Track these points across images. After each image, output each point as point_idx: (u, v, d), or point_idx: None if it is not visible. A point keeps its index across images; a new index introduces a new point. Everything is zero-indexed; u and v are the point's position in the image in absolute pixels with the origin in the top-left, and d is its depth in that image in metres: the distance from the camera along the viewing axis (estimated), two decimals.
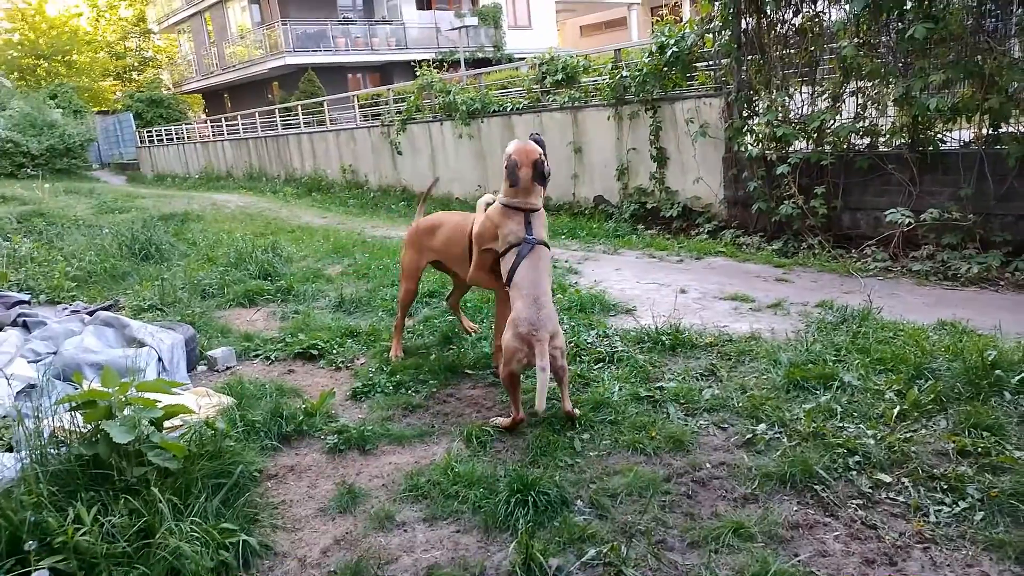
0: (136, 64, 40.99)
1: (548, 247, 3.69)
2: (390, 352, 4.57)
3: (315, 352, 4.74)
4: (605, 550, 2.46)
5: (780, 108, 6.88)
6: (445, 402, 3.88)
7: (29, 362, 4.16)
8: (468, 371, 4.23)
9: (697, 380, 3.84)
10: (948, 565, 2.32)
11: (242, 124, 21.72)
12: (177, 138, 26.92)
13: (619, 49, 9.45)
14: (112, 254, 7.79)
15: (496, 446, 3.32)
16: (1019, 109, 5.49)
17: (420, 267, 4.59)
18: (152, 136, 28.84)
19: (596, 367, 4.09)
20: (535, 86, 10.53)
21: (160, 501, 2.49)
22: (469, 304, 5.34)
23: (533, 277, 3.49)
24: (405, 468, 3.17)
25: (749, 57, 7.21)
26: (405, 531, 2.73)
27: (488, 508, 2.75)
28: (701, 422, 3.38)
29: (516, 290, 3.50)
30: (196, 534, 2.45)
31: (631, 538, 2.55)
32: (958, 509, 2.56)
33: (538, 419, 3.50)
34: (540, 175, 3.59)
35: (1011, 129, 5.62)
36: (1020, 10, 5.51)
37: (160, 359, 4.20)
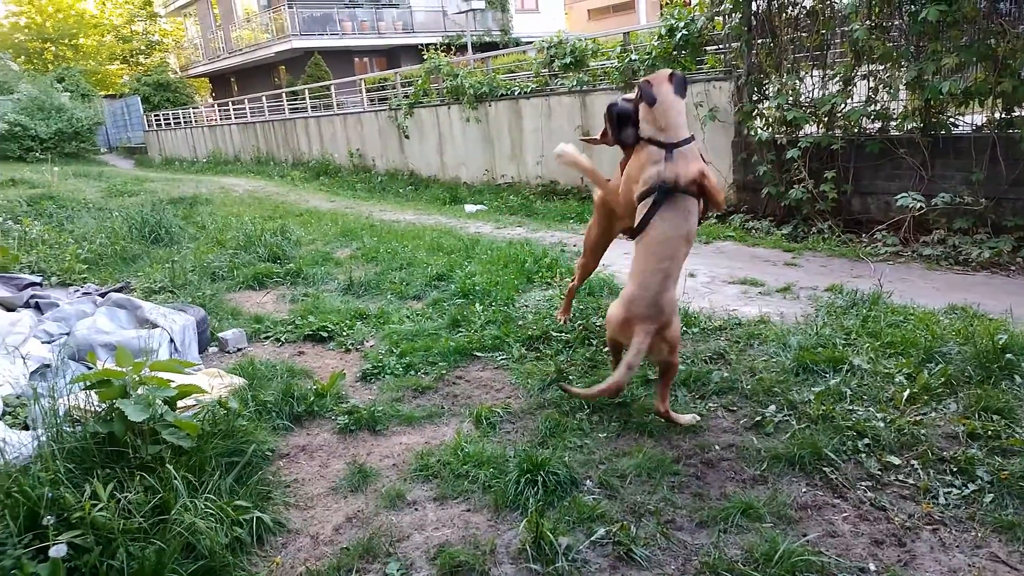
0: (143, 48, 40.92)
1: (697, 196, 3.10)
2: (557, 313, 4.60)
3: (325, 334, 4.77)
4: (615, 529, 2.48)
5: (791, 92, 6.82)
6: (454, 384, 3.90)
7: (43, 343, 4.20)
8: (477, 353, 4.25)
9: (706, 363, 3.84)
10: (957, 546, 2.33)
11: (249, 108, 21.70)
12: (184, 122, 26.93)
13: (628, 32, 9.39)
14: (122, 237, 7.82)
15: (505, 427, 3.34)
16: None
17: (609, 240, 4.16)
18: (160, 120, 28.86)
19: (605, 350, 4.10)
20: (543, 70, 10.47)
21: (175, 478, 2.51)
22: (476, 287, 5.35)
23: (666, 249, 3.01)
24: (415, 448, 3.20)
25: (759, 40, 7.14)
26: (416, 510, 2.76)
27: (498, 488, 2.78)
28: (710, 404, 3.39)
29: (641, 254, 3.06)
30: (210, 511, 2.48)
31: (640, 518, 2.57)
32: (967, 491, 2.57)
33: (545, 401, 3.52)
34: (679, 84, 3.07)
35: None
36: None
37: (172, 340, 4.24)
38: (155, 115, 29.57)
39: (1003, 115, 5.69)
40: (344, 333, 4.75)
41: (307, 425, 3.52)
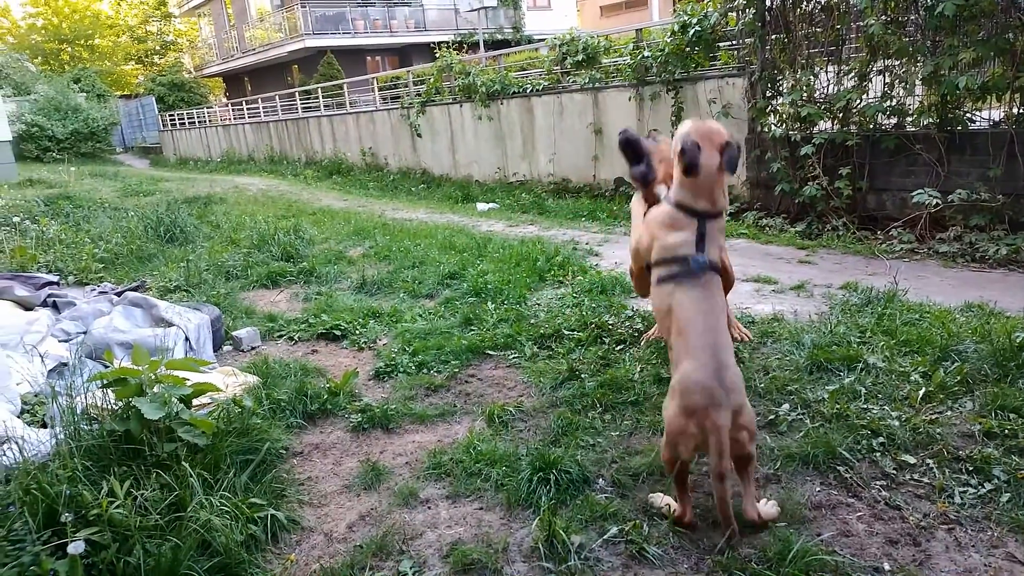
0: (157, 48, 41.24)
1: (721, 271, 2.72)
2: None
3: (338, 333, 4.79)
4: (627, 528, 2.48)
5: (805, 87, 6.77)
6: (467, 382, 3.90)
7: (60, 341, 4.25)
8: (489, 351, 4.25)
9: None
10: (973, 546, 2.31)
11: (263, 107, 21.82)
12: (199, 122, 27.13)
13: (640, 29, 9.36)
14: (138, 236, 7.90)
15: (518, 426, 3.34)
16: None
17: None
18: (174, 120, 29.09)
19: (617, 348, 4.09)
20: (555, 67, 10.46)
21: (190, 476, 2.54)
22: (488, 286, 5.35)
23: (707, 321, 2.54)
24: (428, 447, 3.21)
25: (773, 36, 7.09)
26: (429, 508, 2.77)
27: (510, 486, 2.78)
28: None
29: (681, 339, 2.56)
30: (226, 508, 2.51)
31: (652, 517, 2.57)
32: (983, 491, 2.54)
33: (557, 400, 3.52)
34: (731, 162, 2.63)
35: None
36: None
37: (187, 339, 4.28)
38: (169, 115, 29.82)
39: (1021, 110, 5.62)
40: (357, 332, 4.77)
41: (320, 423, 3.54)
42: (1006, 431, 2.83)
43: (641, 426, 3.20)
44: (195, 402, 3.04)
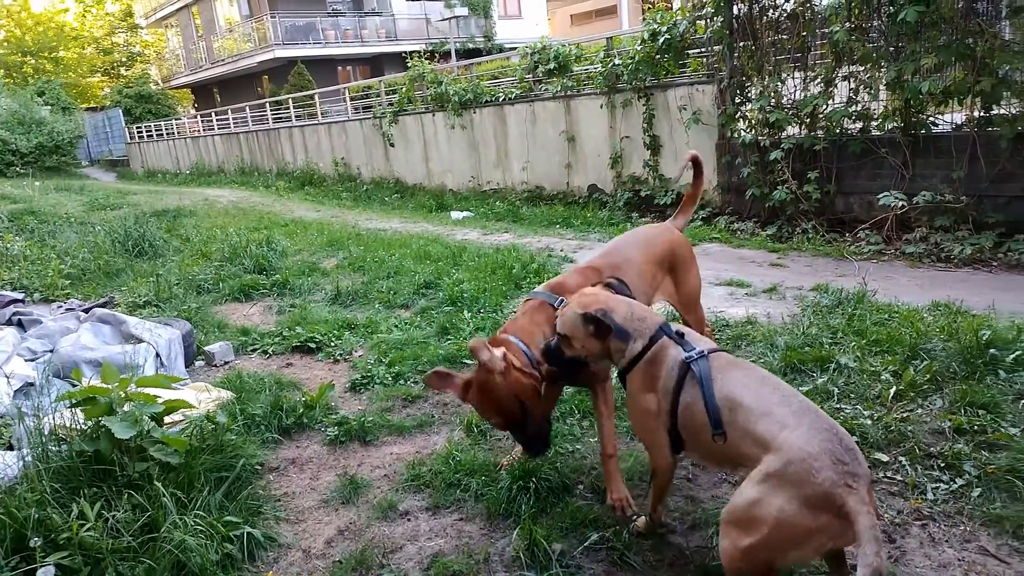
0: (124, 59, 40.61)
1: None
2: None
3: (313, 345, 4.74)
4: (607, 534, 2.48)
5: (772, 94, 6.89)
6: (444, 392, 3.88)
7: (26, 361, 4.15)
8: (467, 360, 4.23)
9: None
10: (946, 541, 2.35)
11: (232, 118, 21.60)
12: (167, 134, 26.76)
13: (611, 37, 9.45)
14: (105, 251, 7.75)
15: (496, 435, 3.32)
16: (1011, 91, 5.51)
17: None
18: (142, 132, 28.66)
19: None
20: (527, 76, 10.50)
21: (163, 495, 2.49)
22: (464, 295, 5.34)
23: (765, 390, 2.03)
24: (406, 458, 3.19)
25: (741, 43, 7.21)
26: (408, 520, 2.75)
27: (490, 496, 2.77)
28: None
29: (751, 425, 1.96)
30: (200, 527, 2.46)
31: (632, 522, 2.57)
32: (955, 486, 2.59)
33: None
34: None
35: (1003, 111, 5.64)
36: None
37: (158, 355, 4.20)
38: (137, 127, 29.36)
39: (982, 113, 5.77)
40: (332, 344, 4.73)
41: (297, 437, 3.50)
42: (975, 427, 2.89)
43: (619, 432, 3.21)
44: (167, 419, 2.99)
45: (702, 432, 2.08)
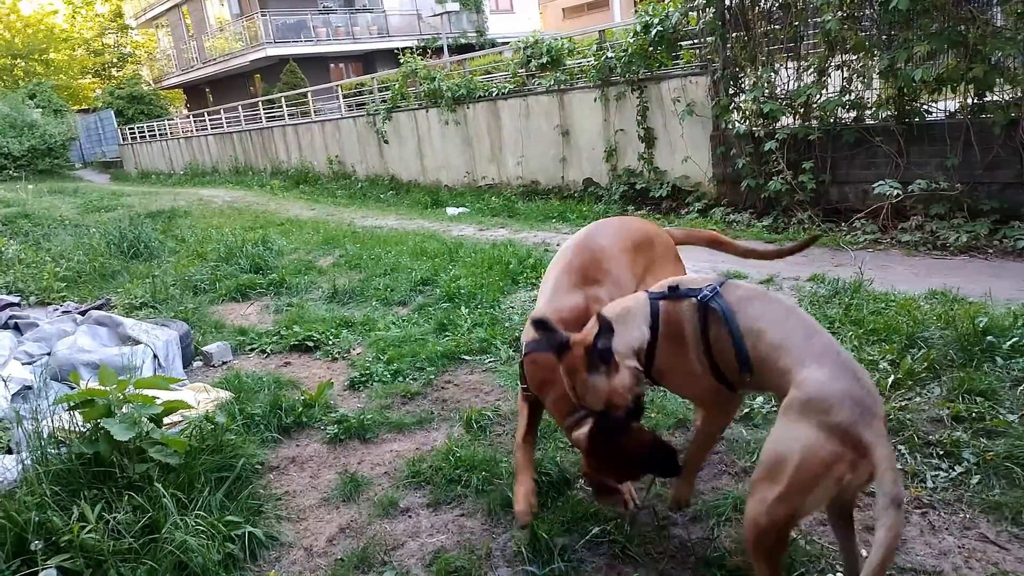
0: (115, 60, 40.41)
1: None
2: None
3: (311, 344, 4.74)
4: (609, 527, 2.48)
5: (766, 84, 6.88)
6: (443, 388, 3.89)
7: (23, 364, 4.14)
8: (465, 356, 4.24)
9: None
10: (947, 528, 2.36)
11: (225, 118, 21.52)
12: (160, 134, 26.66)
13: (603, 30, 9.42)
14: (100, 253, 7.73)
15: (496, 430, 3.33)
16: (1003, 78, 5.51)
17: None
18: (135, 133, 28.55)
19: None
20: (520, 70, 10.47)
21: (164, 496, 2.49)
22: (462, 291, 5.34)
23: (790, 323, 2.04)
24: (406, 455, 3.19)
25: (734, 34, 7.19)
26: (409, 517, 2.75)
27: (491, 491, 2.77)
28: None
29: (776, 354, 1.98)
30: (201, 528, 2.46)
31: (635, 515, 2.58)
32: (955, 474, 2.60)
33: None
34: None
35: (996, 98, 5.63)
36: None
37: (155, 356, 4.19)
38: (129, 128, 29.24)
39: (975, 100, 5.76)
40: (330, 342, 4.73)
41: (296, 436, 3.50)
42: (973, 414, 2.90)
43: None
44: (166, 420, 2.98)
45: (735, 366, 2.09)
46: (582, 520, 2.56)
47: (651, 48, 8.14)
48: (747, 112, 7.16)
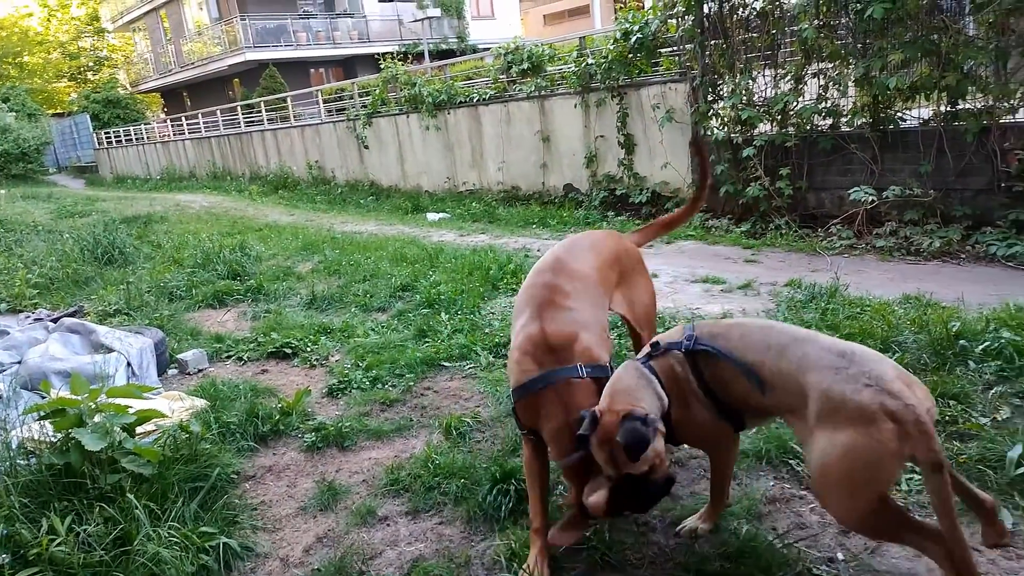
0: (91, 64, 39.96)
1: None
2: None
3: (288, 351, 4.69)
4: (588, 534, 2.47)
5: (744, 91, 6.95)
6: (422, 395, 3.87)
7: None
8: (445, 363, 4.22)
9: None
10: None
11: (203, 123, 21.33)
12: (136, 139, 26.35)
13: (584, 37, 9.47)
14: (74, 259, 7.61)
15: (475, 437, 3.32)
16: (975, 86, 5.61)
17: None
18: (110, 137, 28.19)
19: None
20: (501, 76, 10.49)
21: (136, 507, 2.45)
22: (442, 297, 5.32)
23: (771, 338, 2.09)
24: (385, 463, 3.16)
25: (712, 41, 7.26)
26: (388, 525, 2.72)
27: (470, 499, 2.76)
28: None
29: (788, 367, 2.00)
30: (175, 539, 2.42)
31: (614, 521, 2.57)
32: None
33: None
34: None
35: (968, 105, 5.74)
36: None
37: (129, 364, 4.13)
38: (105, 133, 28.87)
39: (948, 108, 5.86)
40: (308, 349, 4.68)
41: (273, 445, 3.46)
42: (947, 417, 2.93)
43: None
44: (139, 430, 2.93)
45: (750, 396, 2.11)
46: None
47: (631, 55, 8.19)
48: (725, 119, 7.22)
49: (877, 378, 1.81)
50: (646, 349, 2.32)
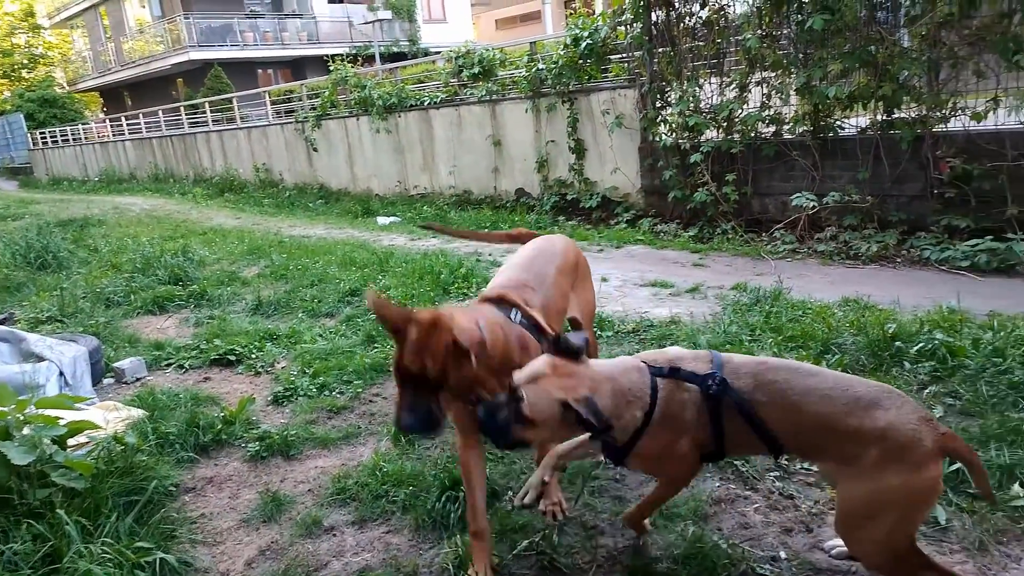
0: (25, 61, 38.37)
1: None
2: None
3: (232, 358, 4.57)
4: (537, 539, 2.47)
5: (691, 98, 7.07)
6: (371, 402, 3.81)
7: None
8: None
9: None
10: None
11: (145, 123, 20.69)
12: (74, 139, 25.40)
13: (534, 42, 9.52)
14: (4, 264, 7.30)
15: (424, 444, 3.27)
16: (910, 96, 5.83)
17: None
18: (46, 138, 27.10)
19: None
20: (452, 80, 10.47)
21: (67, 523, 2.34)
22: (392, 302, 5.25)
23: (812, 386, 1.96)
24: (331, 471, 3.10)
25: (660, 49, 7.38)
26: (334, 536, 2.67)
27: (419, 507, 2.72)
28: None
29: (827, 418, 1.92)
30: (108, 555, 2.32)
31: (563, 526, 2.57)
32: None
33: None
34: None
35: (903, 115, 5.95)
36: (908, 2, 5.84)
37: (62, 373, 3.95)
38: (41, 133, 27.73)
39: (884, 117, 6.08)
40: (253, 355, 4.57)
41: (215, 455, 3.35)
42: None
43: None
44: (71, 442, 2.81)
45: (758, 447, 2.06)
46: (510, 532, 2.53)
47: (581, 61, 8.26)
48: (674, 125, 7.34)
49: (924, 417, 1.83)
50: (667, 361, 2.08)
